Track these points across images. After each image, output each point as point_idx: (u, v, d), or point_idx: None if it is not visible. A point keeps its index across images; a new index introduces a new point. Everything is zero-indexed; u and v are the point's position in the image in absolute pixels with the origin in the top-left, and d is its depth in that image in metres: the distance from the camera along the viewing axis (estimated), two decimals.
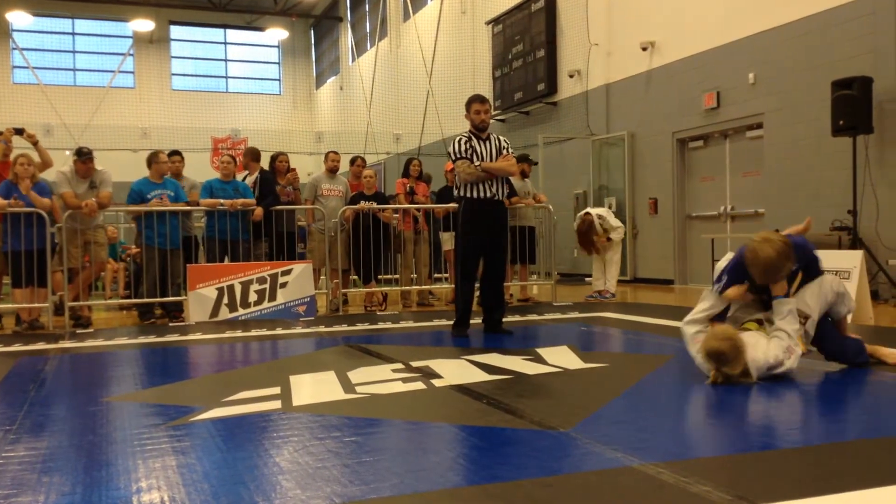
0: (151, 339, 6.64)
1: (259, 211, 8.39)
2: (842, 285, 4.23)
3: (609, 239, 9.61)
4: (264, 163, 9.32)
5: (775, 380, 3.93)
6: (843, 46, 9.00)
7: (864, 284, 6.90)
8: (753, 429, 3.32)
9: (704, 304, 4.25)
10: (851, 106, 8.32)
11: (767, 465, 2.61)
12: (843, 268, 6.92)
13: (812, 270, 4.21)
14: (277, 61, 29.67)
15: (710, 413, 3.57)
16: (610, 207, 11.91)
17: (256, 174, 8.85)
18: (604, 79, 13.52)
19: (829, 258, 7.03)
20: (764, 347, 3.91)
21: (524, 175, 9.74)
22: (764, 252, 3.92)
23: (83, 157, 7.86)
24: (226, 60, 28.93)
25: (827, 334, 4.23)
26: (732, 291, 4.15)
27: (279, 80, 29.63)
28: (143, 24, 25.48)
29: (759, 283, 4.09)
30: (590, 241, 9.58)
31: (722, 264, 4.38)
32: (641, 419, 3.39)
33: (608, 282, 9.69)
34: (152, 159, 8.37)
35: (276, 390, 4.04)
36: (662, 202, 12.22)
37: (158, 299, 8.19)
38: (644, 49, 12.36)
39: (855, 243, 8.29)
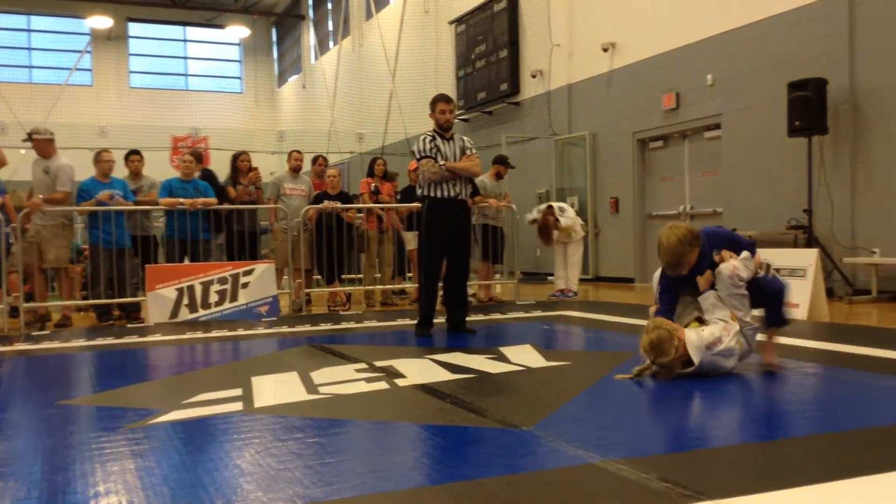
0: (109, 340, 6.53)
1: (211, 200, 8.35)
2: (736, 272, 4.08)
3: (557, 221, 9.60)
4: (225, 162, 9.23)
5: (728, 377, 4.00)
6: (798, 49, 9.18)
7: (819, 282, 7.05)
8: (712, 424, 3.37)
9: None
10: (807, 107, 8.49)
11: (726, 461, 2.65)
12: (799, 266, 7.06)
13: (747, 248, 4.22)
14: (239, 59, 29.38)
15: (671, 410, 3.61)
16: (572, 206, 11.99)
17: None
18: (566, 79, 13.62)
19: (785, 256, 7.20)
20: (700, 333, 3.98)
21: (499, 177, 9.79)
22: (667, 240, 4.05)
23: (30, 137, 7.84)
24: (186, 58, 28.54)
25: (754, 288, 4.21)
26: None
27: (241, 78, 29.33)
28: (101, 21, 25.01)
29: (670, 273, 4.16)
30: (548, 234, 9.64)
31: (657, 275, 4.44)
32: (603, 416, 3.42)
33: (570, 280, 9.77)
34: (96, 158, 8.25)
35: (238, 392, 4.00)
36: (623, 201, 12.35)
37: (116, 300, 8.06)
38: (605, 50, 12.48)
39: (810, 242, 8.46)
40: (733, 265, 4.04)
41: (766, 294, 4.14)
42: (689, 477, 2.41)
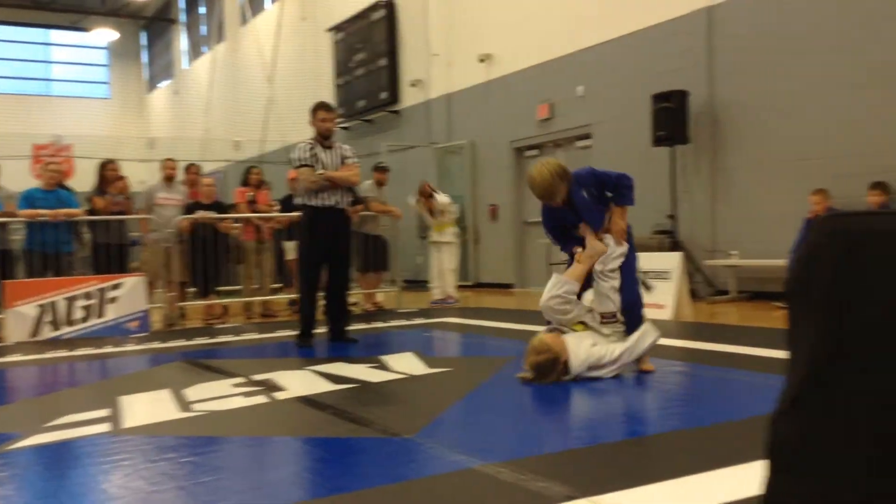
0: None
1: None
2: (612, 281, 4.30)
3: (434, 192, 9.97)
4: (92, 171, 8.80)
5: (600, 378, 4.14)
6: (662, 62, 9.67)
7: (683, 284, 7.43)
8: (587, 424, 3.49)
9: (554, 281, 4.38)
10: (670, 118, 8.95)
11: (600, 458, 2.75)
12: (665, 269, 7.42)
13: (618, 189, 4.44)
14: (106, 64, 28.09)
15: (548, 411, 3.71)
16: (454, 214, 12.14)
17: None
18: (445, 88, 13.79)
19: (651, 260, 7.55)
20: (587, 348, 4.10)
21: (380, 184, 9.80)
22: (539, 174, 4.29)
23: None
24: (49, 62, 27.02)
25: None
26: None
27: (108, 83, 28.06)
28: None
29: (544, 201, 4.38)
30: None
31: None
32: (483, 421, 3.47)
33: (447, 288, 9.86)
34: None
35: (105, 412, 3.81)
36: (502, 209, 12.61)
37: None
38: (482, 61, 12.72)
39: (675, 246, 8.91)
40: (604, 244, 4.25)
41: (624, 305, 4.33)
42: (565, 476, 2.48)
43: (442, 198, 10.00)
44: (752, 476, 2.42)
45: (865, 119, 7.72)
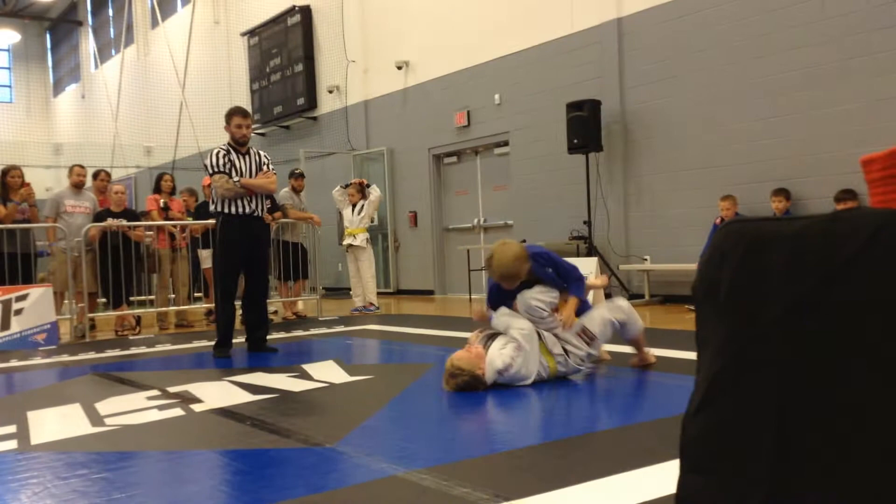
0: None
1: None
2: (622, 311, 4.47)
3: (368, 186, 10.05)
4: None
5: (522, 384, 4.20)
6: (575, 71, 9.90)
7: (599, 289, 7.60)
8: (508, 429, 3.54)
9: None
10: (583, 126, 9.17)
11: (521, 462, 2.80)
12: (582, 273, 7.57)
13: (569, 280, 4.43)
14: (8, 66, 26.90)
15: (470, 417, 3.75)
16: (372, 221, 12.10)
17: None
18: (362, 95, 13.75)
19: None
20: (499, 353, 4.13)
21: (296, 191, 9.70)
22: (503, 255, 4.21)
23: None
24: None
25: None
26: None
27: (10, 86, 26.87)
28: None
29: (504, 285, 4.35)
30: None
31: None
32: (405, 428, 3.48)
33: (367, 296, 9.83)
34: None
35: (11, 429, 3.65)
36: (422, 215, 12.65)
37: None
38: (399, 68, 12.75)
39: (590, 251, 9.12)
40: (537, 298, 4.26)
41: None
42: (487, 480, 2.51)
43: (374, 191, 10.01)
44: (668, 476, 2.51)
45: (769, 128, 8.09)
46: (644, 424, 3.25)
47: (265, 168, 6.17)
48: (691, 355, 1.31)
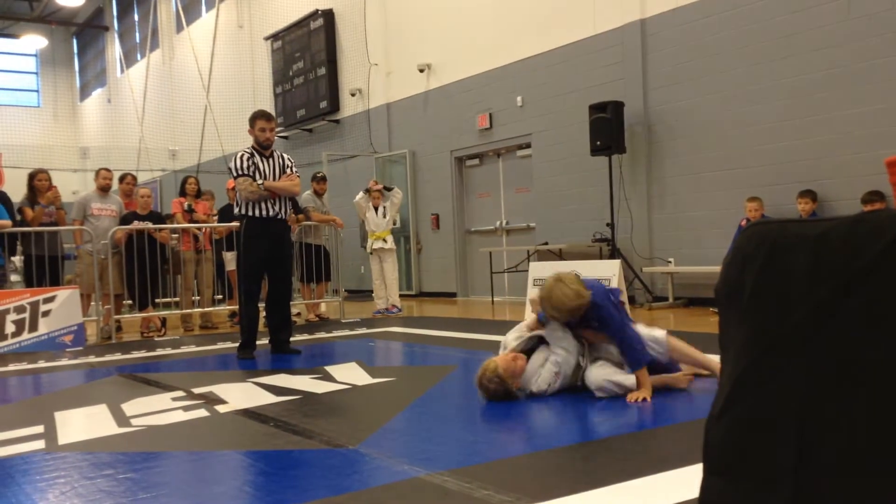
0: None
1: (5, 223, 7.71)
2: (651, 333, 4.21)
3: (387, 189, 10.14)
4: (22, 180, 8.53)
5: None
6: (598, 73, 9.87)
7: (622, 291, 7.56)
8: (532, 431, 3.53)
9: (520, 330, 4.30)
10: (606, 128, 9.12)
11: (545, 464, 2.79)
12: (605, 276, 7.53)
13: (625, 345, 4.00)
14: (35, 71, 27.28)
15: (492, 419, 3.74)
16: (395, 224, 12.15)
17: None
18: (384, 98, 13.79)
19: (591, 267, 7.67)
20: (536, 373, 4.00)
21: (319, 194, 9.75)
22: (564, 295, 3.87)
23: None
24: None
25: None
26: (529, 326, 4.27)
27: (38, 91, 27.24)
28: None
29: (561, 321, 4.01)
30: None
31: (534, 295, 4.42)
32: (427, 430, 3.48)
33: (390, 298, 9.86)
34: None
35: (39, 429, 3.71)
36: (444, 218, 12.66)
37: None
38: (421, 71, 12.78)
39: (613, 253, 9.08)
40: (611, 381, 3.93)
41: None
42: (510, 483, 2.51)
43: (398, 191, 10.17)
44: (692, 480, 2.50)
45: (794, 129, 8.01)
46: (668, 428, 3.23)
47: (289, 171, 6.21)
48: (715, 358, 1.31)
